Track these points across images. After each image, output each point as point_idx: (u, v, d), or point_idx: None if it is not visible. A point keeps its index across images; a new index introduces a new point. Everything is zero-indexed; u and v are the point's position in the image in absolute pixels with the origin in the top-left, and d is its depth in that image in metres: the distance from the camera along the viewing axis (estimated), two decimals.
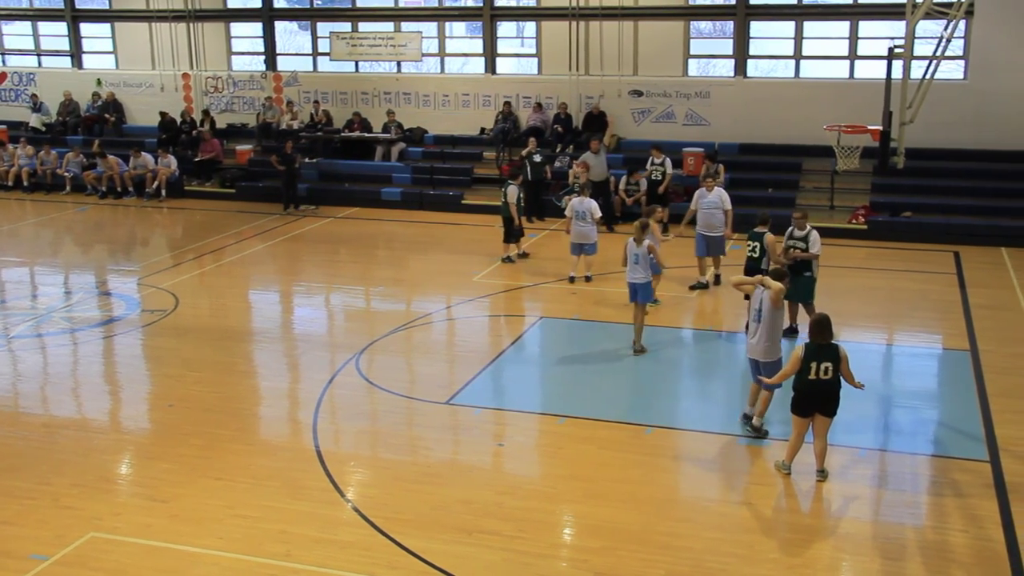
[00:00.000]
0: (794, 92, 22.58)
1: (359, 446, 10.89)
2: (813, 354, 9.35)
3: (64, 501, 9.43)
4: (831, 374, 9.36)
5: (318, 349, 14.01)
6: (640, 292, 13.15)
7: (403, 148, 24.69)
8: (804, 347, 9.43)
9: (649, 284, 13.25)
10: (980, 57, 21.14)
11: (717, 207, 15.83)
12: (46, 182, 25.51)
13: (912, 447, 10.60)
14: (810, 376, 9.35)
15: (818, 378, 9.35)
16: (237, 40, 27.73)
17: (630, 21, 23.63)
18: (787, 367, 9.64)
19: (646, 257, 13.11)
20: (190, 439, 10.80)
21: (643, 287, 13.14)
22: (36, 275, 18.51)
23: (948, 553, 8.46)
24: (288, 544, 8.62)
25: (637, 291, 13.17)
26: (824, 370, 9.33)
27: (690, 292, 15.94)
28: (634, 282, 13.18)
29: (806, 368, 9.34)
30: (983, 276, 17.02)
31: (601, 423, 11.06)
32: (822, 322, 9.51)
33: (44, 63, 29.76)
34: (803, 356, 9.36)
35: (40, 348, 14.10)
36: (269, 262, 19.02)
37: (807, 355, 9.35)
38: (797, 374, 9.43)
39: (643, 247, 13.07)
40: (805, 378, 9.38)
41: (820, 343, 9.39)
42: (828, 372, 9.34)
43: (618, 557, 8.38)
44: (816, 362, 9.33)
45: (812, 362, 9.33)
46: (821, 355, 9.35)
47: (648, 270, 13.18)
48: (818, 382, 9.36)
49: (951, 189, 20.82)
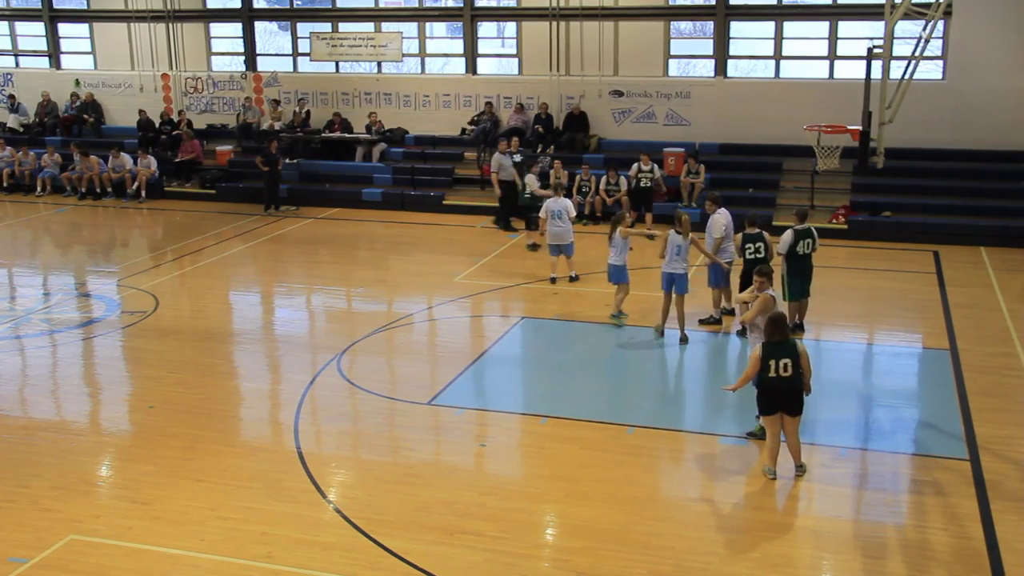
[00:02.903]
0: (774, 92, 22.67)
1: (341, 447, 10.86)
2: (771, 352, 9.44)
3: (43, 504, 9.36)
4: (791, 371, 9.44)
5: (299, 350, 13.96)
6: (678, 283, 13.47)
7: (384, 149, 24.63)
8: (762, 346, 9.53)
9: (687, 275, 13.57)
10: (958, 57, 21.31)
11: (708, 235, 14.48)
12: (24, 183, 25.30)
13: (893, 446, 10.66)
14: (770, 374, 9.45)
15: (778, 375, 9.44)
16: (217, 40, 27.58)
17: (610, 21, 23.67)
18: (748, 369, 9.75)
19: (687, 249, 13.46)
20: (171, 441, 10.73)
21: (681, 278, 13.46)
22: (14, 276, 18.36)
23: (929, 551, 8.51)
24: (269, 546, 8.58)
25: (675, 281, 13.45)
26: (783, 367, 9.42)
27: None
28: (673, 272, 13.43)
29: (765, 366, 9.44)
30: (962, 275, 17.14)
31: (583, 423, 11.07)
32: (776, 320, 9.58)
33: (22, 63, 29.49)
34: (761, 355, 9.46)
35: (19, 350, 13.98)
36: (250, 263, 18.93)
37: (765, 354, 9.46)
38: (759, 373, 9.50)
39: (687, 240, 13.41)
40: (766, 376, 9.48)
41: (776, 340, 9.47)
42: (787, 369, 9.43)
43: (600, 557, 8.39)
44: (774, 359, 9.42)
45: (771, 359, 9.43)
46: (779, 352, 9.43)
47: (686, 262, 13.54)
48: (778, 379, 9.45)
49: (930, 189, 20.96)
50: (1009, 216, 19.80)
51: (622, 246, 14.18)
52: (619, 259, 14.20)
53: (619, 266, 14.23)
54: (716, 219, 14.15)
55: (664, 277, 13.61)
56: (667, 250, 13.50)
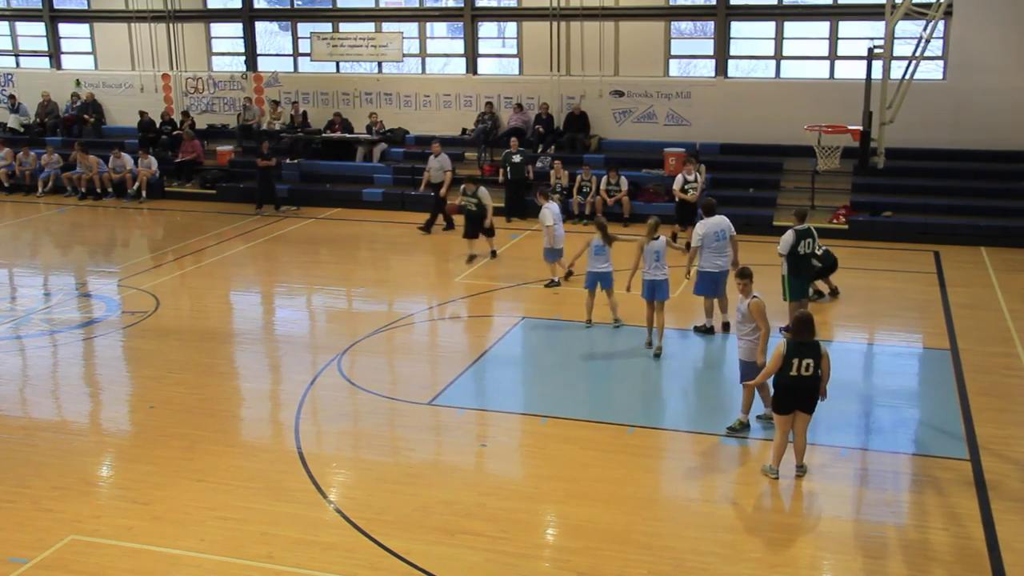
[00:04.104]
0: (775, 92, 22.67)
1: (341, 447, 10.86)
2: (795, 351, 9.41)
3: (44, 504, 9.36)
4: (812, 370, 9.44)
5: (300, 350, 13.96)
6: (659, 290, 13.22)
7: (384, 149, 24.64)
8: (785, 344, 9.49)
9: (667, 281, 13.31)
10: (959, 57, 21.29)
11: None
12: (24, 183, 25.30)
13: (893, 446, 10.66)
14: (791, 372, 9.42)
15: (799, 374, 9.42)
16: (217, 40, 27.57)
17: (611, 21, 23.66)
18: (769, 364, 9.68)
19: (664, 254, 13.24)
20: (171, 441, 10.73)
21: (661, 284, 13.21)
22: (15, 277, 18.37)
23: (929, 551, 8.51)
24: (270, 546, 8.58)
25: (655, 288, 13.21)
26: (805, 366, 9.41)
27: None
28: (654, 279, 13.21)
29: (788, 364, 9.41)
30: (963, 275, 17.13)
31: (583, 423, 11.06)
32: (804, 319, 9.57)
33: (22, 63, 29.51)
34: (785, 353, 9.42)
35: (19, 350, 13.98)
36: (250, 263, 18.93)
37: (789, 352, 9.41)
38: (779, 371, 9.48)
39: (663, 244, 13.19)
40: (787, 374, 9.44)
41: (802, 340, 9.45)
42: (809, 368, 9.43)
43: (600, 557, 8.39)
44: (798, 358, 9.40)
45: (794, 358, 9.40)
46: (803, 352, 9.42)
47: (666, 267, 13.30)
48: (799, 378, 9.43)
49: (931, 189, 20.95)
50: (1010, 216, 19.80)
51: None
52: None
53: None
54: (696, 229, 13.83)
55: (645, 285, 13.34)
56: (645, 258, 13.25)
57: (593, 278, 14.07)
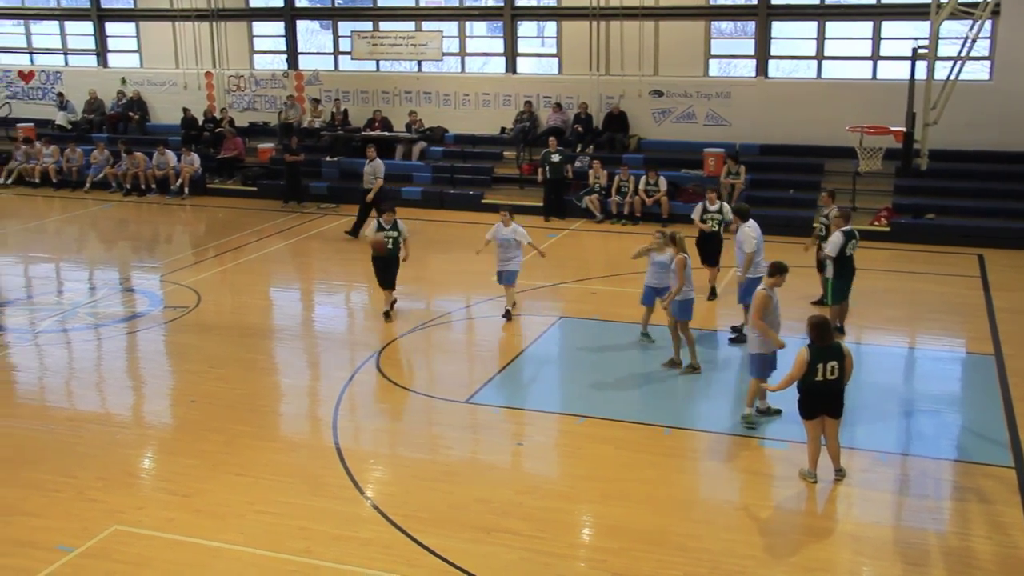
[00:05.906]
0: (816, 93, 22.45)
1: (378, 444, 10.94)
2: (819, 356, 9.35)
3: (89, 494, 9.53)
4: (837, 373, 9.39)
5: (338, 347, 14.07)
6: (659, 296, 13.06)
7: (424, 147, 24.74)
8: (808, 349, 9.41)
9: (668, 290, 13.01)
10: (1006, 57, 20.96)
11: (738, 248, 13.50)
12: (72, 179, 25.73)
13: (935, 451, 10.52)
14: (817, 377, 9.37)
15: (824, 378, 9.37)
16: (259, 39, 27.85)
17: (651, 21, 23.56)
18: (793, 370, 9.57)
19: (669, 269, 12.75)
20: (212, 435, 10.88)
21: (665, 292, 12.88)
22: (61, 271, 18.68)
23: (972, 560, 8.39)
24: (308, 540, 8.67)
25: (658, 296, 13.05)
26: (830, 370, 9.37)
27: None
28: (658, 286, 13.07)
29: (812, 370, 9.35)
30: (1008, 279, 16.87)
31: (620, 423, 11.05)
32: (821, 324, 9.48)
33: (70, 62, 30.04)
34: (808, 359, 9.35)
35: (65, 343, 14.22)
36: (289, 260, 19.10)
37: (812, 358, 9.35)
38: (804, 376, 9.41)
39: (667, 255, 12.77)
40: (812, 379, 9.39)
41: (823, 345, 9.39)
42: (835, 372, 9.38)
43: (635, 558, 8.38)
44: (822, 363, 9.35)
45: (819, 363, 9.35)
46: (826, 355, 9.36)
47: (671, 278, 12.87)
48: (825, 383, 9.39)
49: (975, 191, 20.66)
50: None
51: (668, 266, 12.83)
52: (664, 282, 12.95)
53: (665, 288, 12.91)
54: (746, 232, 13.21)
55: (646, 291, 13.20)
56: (648, 262, 13.04)
57: (652, 294, 13.39)
